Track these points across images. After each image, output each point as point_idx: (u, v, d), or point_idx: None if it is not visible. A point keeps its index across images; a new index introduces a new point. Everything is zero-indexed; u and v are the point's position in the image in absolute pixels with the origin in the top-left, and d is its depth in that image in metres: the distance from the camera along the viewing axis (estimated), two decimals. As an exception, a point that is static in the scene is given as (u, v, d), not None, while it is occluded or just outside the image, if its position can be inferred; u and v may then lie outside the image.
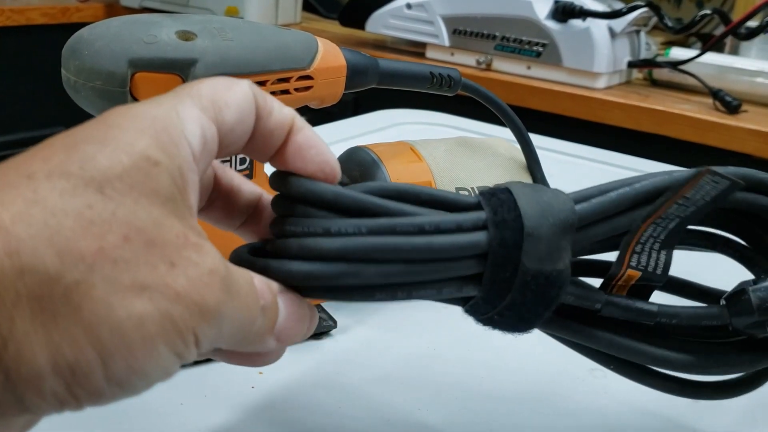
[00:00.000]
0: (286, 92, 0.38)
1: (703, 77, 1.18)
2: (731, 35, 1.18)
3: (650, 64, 1.25)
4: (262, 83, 0.37)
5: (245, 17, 1.52)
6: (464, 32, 1.30)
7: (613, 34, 1.20)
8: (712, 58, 1.21)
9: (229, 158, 0.38)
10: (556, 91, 1.21)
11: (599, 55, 1.19)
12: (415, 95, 0.50)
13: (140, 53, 0.34)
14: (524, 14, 1.23)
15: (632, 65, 1.26)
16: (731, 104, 1.13)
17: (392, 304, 0.38)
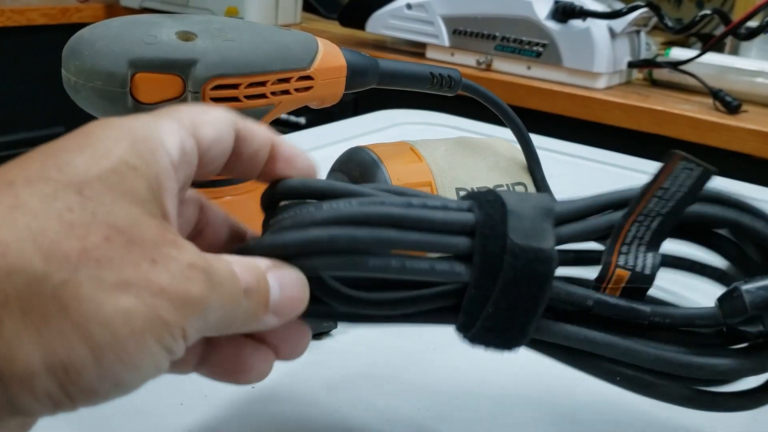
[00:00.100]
0: (286, 92, 0.38)
1: (703, 77, 1.18)
2: (731, 35, 1.18)
3: (650, 64, 1.25)
4: (262, 83, 0.37)
5: (245, 17, 1.52)
6: (464, 32, 1.30)
7: (613, 34, 1.20)
8: (712, 58, 1.21)
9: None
10: (556, 91, 1.21)
11: (599, 55, 1.19)
12: (415, 95, 0.50)
13: (140, 53, 0.34)
14: (524, 14, 1.23)
15: (632, 65, 1.26)
16: (731, 104, 1.13)
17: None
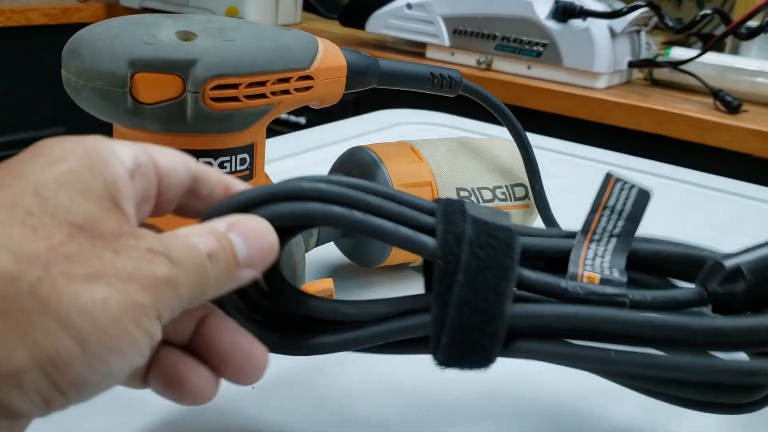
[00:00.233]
0: (286, 92, 0.38)
1: (703, 77, 1.18)
2: (732, 35, 1.18)
3: (650, 64, 1.25)
4: (262, 83, 0.37)
5: (245, 17, 1.52)
6: (464, 32, 1.30)
7: (613, 34, 1.20)
8: (712, 58, 1.21)
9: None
10: (556, 91, 1.21)
11: (599, 55, 1.19)
12: (415, 95, 0.50)
13: (140, 54, 0.34)
14: (524, 14, 1.23)
15: (632, 65, 1.26)
16: (731, 104, 1.13)
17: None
